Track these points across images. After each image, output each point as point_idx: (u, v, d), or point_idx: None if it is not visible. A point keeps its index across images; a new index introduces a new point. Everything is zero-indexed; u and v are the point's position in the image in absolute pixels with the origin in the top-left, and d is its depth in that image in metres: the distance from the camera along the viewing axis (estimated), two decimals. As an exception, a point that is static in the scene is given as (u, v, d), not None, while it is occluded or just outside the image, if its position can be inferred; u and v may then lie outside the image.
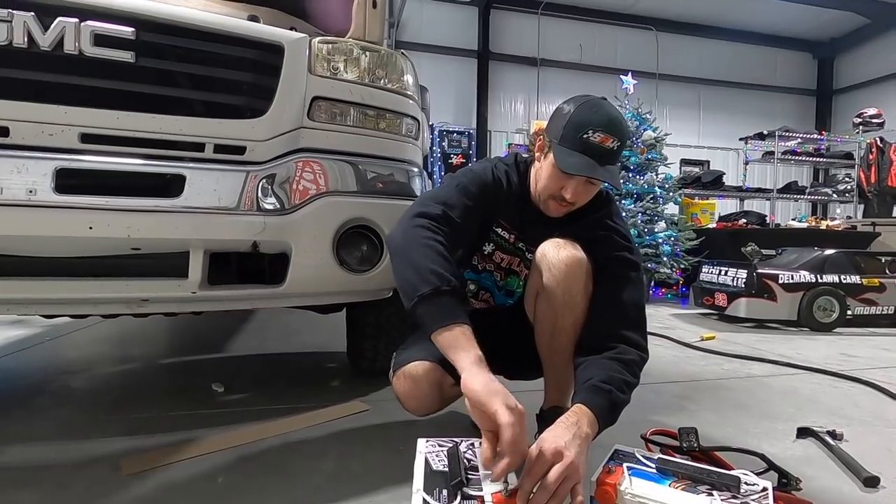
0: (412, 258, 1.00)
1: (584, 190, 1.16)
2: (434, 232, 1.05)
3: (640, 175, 4.95)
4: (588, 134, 1.10)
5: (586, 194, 1.18)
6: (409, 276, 0.99)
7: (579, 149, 1.11)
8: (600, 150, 1.10)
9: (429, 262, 0.98)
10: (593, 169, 1.10)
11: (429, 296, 0.95)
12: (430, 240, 1.03)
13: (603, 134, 1.09)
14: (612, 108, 1.14)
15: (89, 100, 1.19)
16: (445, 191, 1.17)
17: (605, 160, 1.11)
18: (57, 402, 1.69)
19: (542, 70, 9.49)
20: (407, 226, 1.07)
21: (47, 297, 1.23)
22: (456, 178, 1.21)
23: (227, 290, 1.36)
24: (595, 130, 1.09)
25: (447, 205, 1.11)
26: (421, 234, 1.03)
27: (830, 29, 10.85)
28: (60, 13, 1.14)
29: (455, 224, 1.10)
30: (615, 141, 1.11)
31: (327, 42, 1.44)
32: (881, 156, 7.10)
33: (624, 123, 1.14)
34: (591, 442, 0.95)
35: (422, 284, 0.96)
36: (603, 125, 1.10)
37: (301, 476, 1.18)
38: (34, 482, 1.14)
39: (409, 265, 1.00)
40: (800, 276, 3.51)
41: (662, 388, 1.97)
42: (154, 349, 2.59)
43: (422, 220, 1.06)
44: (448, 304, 0.96)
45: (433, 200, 1.12)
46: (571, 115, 1.13)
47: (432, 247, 1.01)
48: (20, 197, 1.12)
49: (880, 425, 1.61)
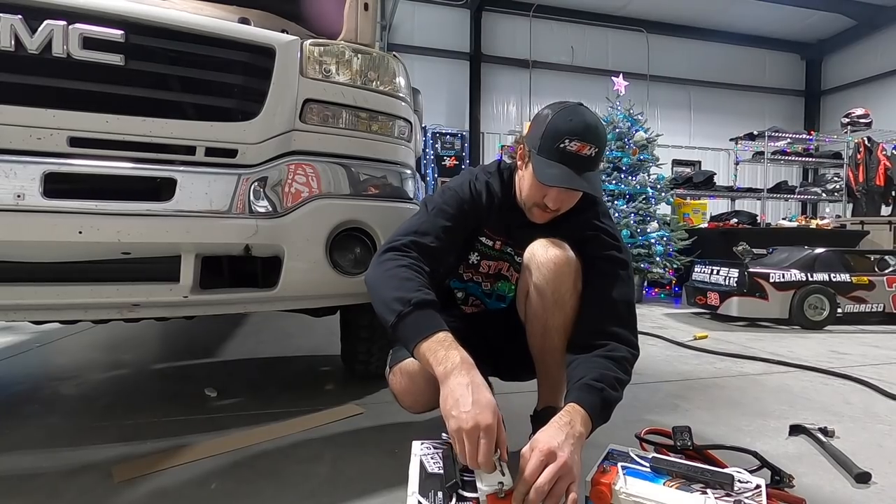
0: (378, 293, 1.04)
1: (567, 197, 1.17)
2: (398, 259, 1.08)
3: (633, 176, 4.97)
4: (565, 143, 1.10)
5: (569, 201, 1.18)
6: (380, 311, 1.02)
7: (557, 159, 1.12)
8: (578, 158, 1.11)
9: (391, 290, 1.01)
10: (571, 179, 1.11)
11: (395, 323, 0.97)
12: (392, 268, 1.05)
13: (579, 142, 1.10)
14: (588, 114, 1.14)
15: (78, 103, 1.18)
16: (418, 218, 1.20)
17: (583, 168, 1.12)
18: (47, 410, 1.67)
19: (534, 72, 9.52)
20: (375, 264, 1.10)
21: (36, 303, 1.22)
22: (432, 202, 1.22)
23: (219, 294, 1.36)
24: (571, 139, 1.10)
25: (417, 232, 1.14)
26: (385, 268, 1.07)
27: (818, 30, 10.97)
28: (48, 16, 1.13)
29: (426, 248, 1.12)
30: (592, 148, 1.11)
31: (319, 44, 1.43)
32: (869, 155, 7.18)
33: (601, 128, 1.14)
34: (584, 441, 0.95)
35: (389, 315, 0.99)
36: (578, 133, 1.10)
37: (295, 481, 1.17)
38: (25, 490, 1.12)
39: (378, 300, 1.03)
40: (791, 274, 3.54)
41: (656, 388, 1.97)
42: (145, 354, 2.57)
43: (387, 255, 1.10)
44: (412, 323, 0.97)
45: (402, 233, 1.15)
46: (548, 123, 1.14)
47: (394, 274, 1.04)
48: (8, 201, 1.11)
49: (871, 422, 1.63)
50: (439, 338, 0.94)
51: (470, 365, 0.92)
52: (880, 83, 10.46)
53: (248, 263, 1.38)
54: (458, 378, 0.89)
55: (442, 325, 0.97)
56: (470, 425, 0.84)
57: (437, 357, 0.92)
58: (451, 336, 0.96)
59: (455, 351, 0.93)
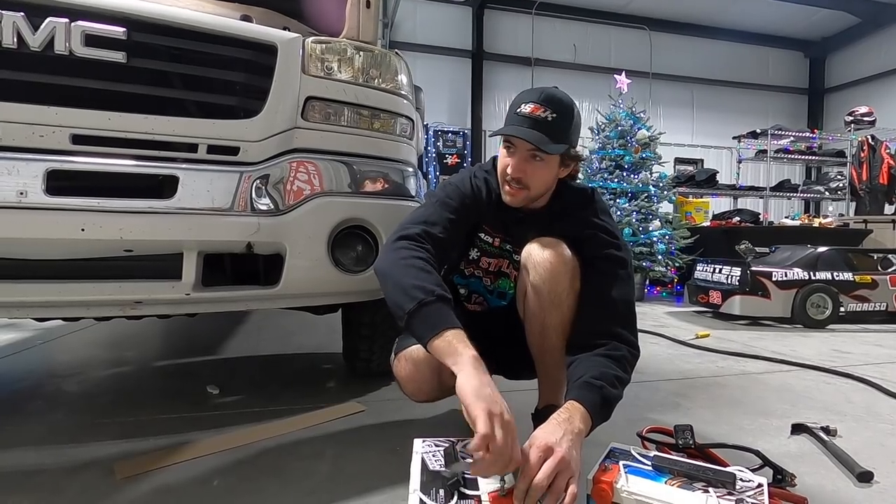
0: (395, 279, 1.03)
1: (528, 167, 1.15)
2: (414, 249, 1.07)
3: (635, 174, 4.97)
4: (520, 108, 1.14)
5: (533, 172, 1.16)
6: (395, 297, 1.01)
7: (511, 122, 1.14)
8: (530, 119, 1.12)
9: (410, 278, 1.00)
10: (516, 130, 1.12)
11: (414, 310, 0.96)
12: (410, 258, 1.05)
13: (533, 104, 1.12)
14: (552, 89, 1.16)
15: (80, 100, 1.18)
16: (425, 209, 1.20)
17: (536, 128, 1.11)
18: (50, 406, 1.68)
19: (536, 70, 9.49)
20: (389, 250, 1.10)
21: (39, 300, 1.22)
22: (435, 195, 1.23)
23: (221, 292, 1.36)
24: (526, 103, 1.13)
25: (427, 223, 1.14)
26: (401, 255, 1.06)
27: (822, 28, 10.93)
28: (50, 13, 1.13)
29: (437, 239, 1.12)
30: (547, 111, 1.11)
31: (321, 42, 1.43)
32: (872, 153, 7.15)
33: (564, 100, 1.15)
34: (584, 438, 0.95)
35: (407, 302, 0.97)
36: (533, 98, 1.13)
37: (297, 478, 1.17)
38: (28, 487, 1.13)
39: (394, 286, 1.02)
40: (793, 273, 3.53)
41: (658, 386, 1.97)
42: (148, 351, 2.57)
43: (402, 243, 1.09)
44: (434, 313, 0.96)
45: (412, 222, 1.15)
46: (512, 103, 1.18)
47: (413, 264, 1.03)
48: (10, 199, 1.11)
49: (873, 421, 1.63)
50: (457, 334, 0.95)
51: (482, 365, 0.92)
52: (884, 81, 10.41)
53: (250, 261, 1.38)
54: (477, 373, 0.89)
55: (458, 323, 0.97)
56: (498, 411, 0.83)
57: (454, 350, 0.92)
58: (465, 335, 0.95)
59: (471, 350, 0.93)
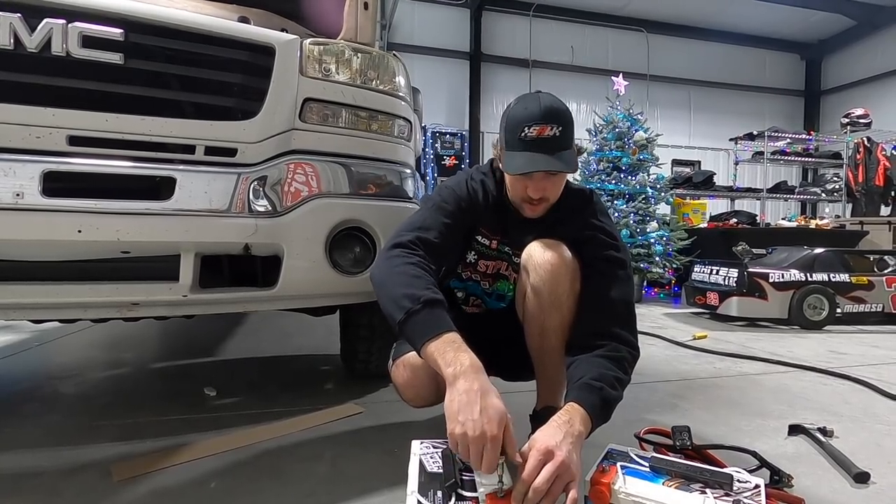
0: (387, 289, 1.02)
1: (548, 184, 1.16)
2: (406, 256, 1.07)
3: (632, 176, 4.97)
4: (525, 132, 1.11)
5: (553, 187, 1.17)
6: (387, 308, 1.01)
7: (521, 148, 1.12)
8: (541, 141, 1.11)
9: (400, 287, 1.00)
10: (536, 163, 1.11)
11: (404, 320, 0.96)
12: (401, 265, 1.05)
13: (538, 126, 1.10)
14: (544, 97, 1.14)
15: (78, 102, 1.18)
16: (420, 215, 1.20)
17: (551, 149, 1.11)
18: (47, 408, 1.67)
19: (534, 71, 9.51)
20: (382, 259, 1.10)
21: (35, 302, 1.22)
22: (430, 200, 1.23)
23: (218, 293, 1.36)
24: (530, 126, 1.11)
25: (421, 228, 1.14)
26: (393, 265, 1.06)
27: (818, 30, 10.97)
28: (47, 14, 1.13)
29: (431, 244, 1.12)
30: (554, 128, 1.11)
31: (319, 43, 1.43)
32: (868, 155, 7.19)
33: (560, 107, 1.14)
34: (584, 440, 0.95)
35: (397, 312, 0.97)
36: (535, 118, 1.11)
37: (295, 480, 1.17)
38: (25, 489, 1.12)
39: (386, 297, 1.02)
40: (790, 274, 3.54)
41: (656, 387, 1.98)
42: (145, 353, 2.56)
43: (395, 251, 1.09)
44: (422, 320, 0.95)
45: (406, 228, 1.15)
46: (507, 119, 1.15)
47: (403, 271, 1.03)
48: (7, 200, 1.11)
49: (870, 422, 1.63)
50: (448, 338, 0.93)
51: (479, 369, 0.91)
52: (880, 83, 10.46)
53: (248, 263, 1.38)
54: (466, 382, 0.87)
55: (451, 325, 0.96)
56: (476, 434, 0.83)
57: (445, 358, 0.91)
58: (459, 337, 0.95)
59: (464, 354, 0.91)
